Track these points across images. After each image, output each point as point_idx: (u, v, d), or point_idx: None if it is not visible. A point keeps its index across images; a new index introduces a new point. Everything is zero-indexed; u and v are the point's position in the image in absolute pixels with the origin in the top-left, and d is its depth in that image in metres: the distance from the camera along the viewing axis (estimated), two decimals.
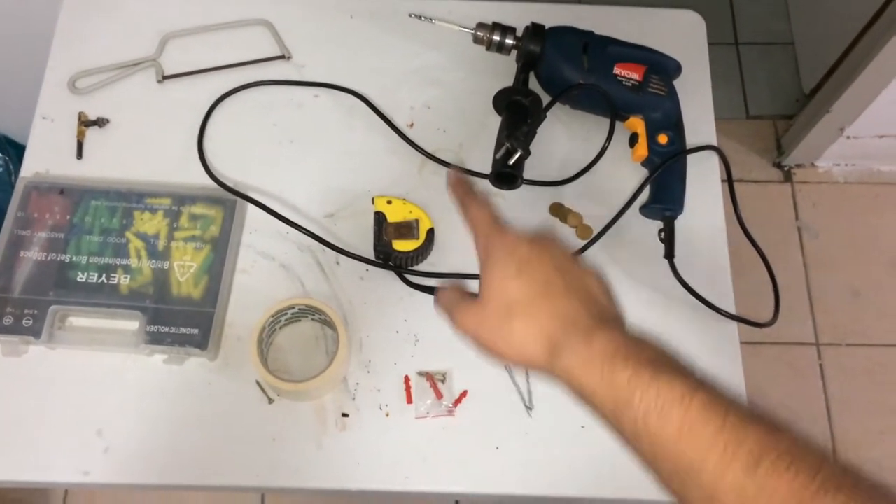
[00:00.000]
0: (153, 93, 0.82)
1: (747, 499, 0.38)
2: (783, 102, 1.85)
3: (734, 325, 0.75)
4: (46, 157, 0.79)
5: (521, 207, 0.78)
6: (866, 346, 1.61)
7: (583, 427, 0.70)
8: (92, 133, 0.80)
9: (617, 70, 0.77)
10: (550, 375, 0.50)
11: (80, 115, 0.80)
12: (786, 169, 1.77)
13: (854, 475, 0.38)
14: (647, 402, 0.43)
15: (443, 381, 0.71)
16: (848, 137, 1.64)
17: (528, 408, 0.71)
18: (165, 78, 0.83)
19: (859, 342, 1.61)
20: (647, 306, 0.75)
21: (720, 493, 0.39)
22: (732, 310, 0.75)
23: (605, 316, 0.50)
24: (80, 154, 0.79)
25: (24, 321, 0.69)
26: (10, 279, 0.71)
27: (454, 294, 0.57)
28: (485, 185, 0.78)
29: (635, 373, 0.44)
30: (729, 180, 0.81)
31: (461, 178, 0.60)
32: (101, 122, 0.80)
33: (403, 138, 0.81)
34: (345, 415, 0.70)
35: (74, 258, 0.72)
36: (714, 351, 0.74)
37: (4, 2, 1.01)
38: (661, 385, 0.43)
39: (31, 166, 0.78)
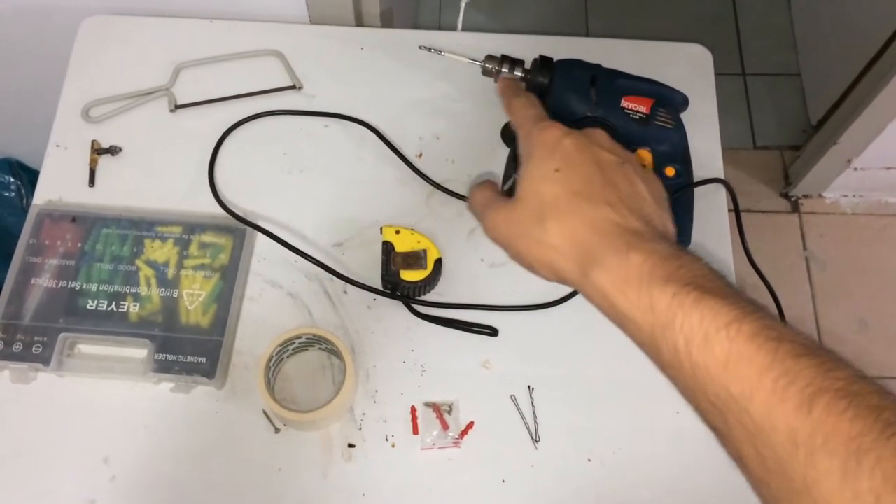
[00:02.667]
0: (165, 122, 0.83)
1: (799, 442, 0.34)
2: (790, 133, 1.86)
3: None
4: (59, 184, 0.80)
5: None
6: (876, 378, 1.59)
7: (589, 460, 0.70)
8: (104, 161, 0.81)
9: (624, 103, 0.78)
10: (582, 292, 0.45)
11: (93, 143, 0.81)
12: (793, 199, 1.78)
13: None
14: (688, 329, 0.38)
15: (449, 412, 0.71)
16: (855, 169, 1.64)
17: (535, 440, 0.70)
18: (178, 107, 0.84)
19: (869, 374, 1.60)
20: None
21: (767, 431, 0.35)
22: None
23: (649, 226, 0.45)
24: (92, 182, 0.80)
25: (33, 348, 0.70)
26: (20, 306, 0.71)
27: (488, 192, 0.52)
28: None
29: (675, 296, 0.39)
30: (736, 212, 0.81)
31: (512, 83, 0.57)
32: (113, 151, 0.81)
33: (412, 168, 0.81)
34: (351, 445, 0.70)
35: (85, 286, 0.73)
36: None
37: (20, 29, 1.03)
38: (704, 310, 0.38)
39: (44, 193, 0.79)
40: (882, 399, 0.34)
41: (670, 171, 0.77)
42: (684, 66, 0.89)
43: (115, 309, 0.72)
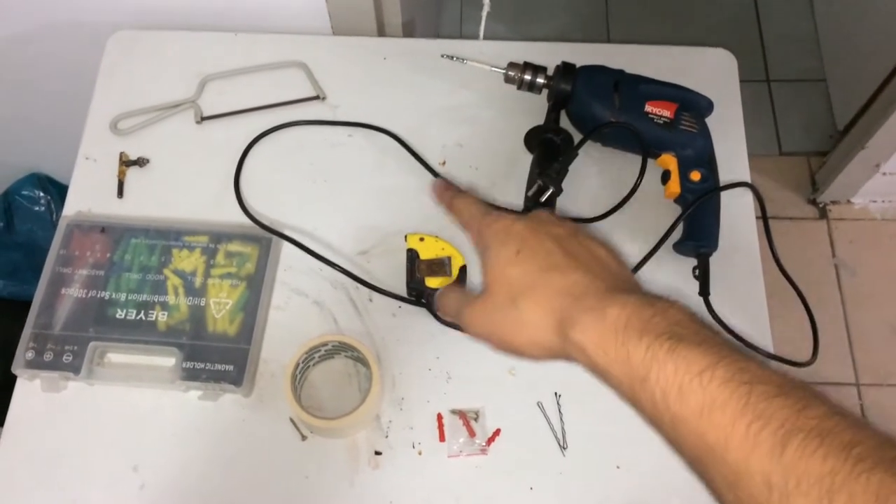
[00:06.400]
0: (192, 133, 0.84)
1: (773, 485, 0.34)
2: (817, 139, 1.84)
3: (772, 364, 0.74)
4: (88, 196, 0.81)
5: None
6: None
7: (618, 467, 0.69)
8: (132, 173, 0.82)
9: (648, 108, 0.78)
10: (567, 358, 0.45)
11: (122, 155, 0.82)
12: (821, 206, 1.75)
13: (893, 448, 0.33)
14: (664, 380, 0.39)
15: (476, 419, 0.71)
16: (884, 174, 1.62)
17: (563, 447, 0.70)
18: (204, 119, 0.85)
19: None
20: None
21: (744, 478, 0.35)
22: (770, 349, 0.74)
23: (617, 283, 0.46)
24: (120, 193, 0.81)
25: (64, 357, 0.71)
26: (51, 316, 0.72)
27: (455, 295, 0.53)
28: None
29: (649, 348, 0.40)
30: (763, 217, 0.80)
31: (445, 184, 0.60)
32: (141, 162, 0.82)
33: (436, 176, 0.81)
34: (377, 452, 0.70)
35: (114, 295, 0.74)
36: None
37: (49, 45, 1.05)
38: (678, 360, 0.39)
39: (74, 205, 0.80)
40: (856, 434, 0.34)
41: (696, 176, 0.77)
42: (708, 71, 0.88)
43: (143, 318, 0.73)
